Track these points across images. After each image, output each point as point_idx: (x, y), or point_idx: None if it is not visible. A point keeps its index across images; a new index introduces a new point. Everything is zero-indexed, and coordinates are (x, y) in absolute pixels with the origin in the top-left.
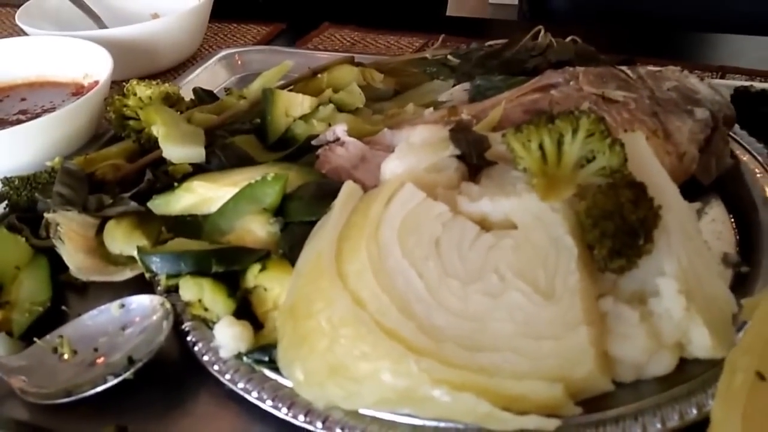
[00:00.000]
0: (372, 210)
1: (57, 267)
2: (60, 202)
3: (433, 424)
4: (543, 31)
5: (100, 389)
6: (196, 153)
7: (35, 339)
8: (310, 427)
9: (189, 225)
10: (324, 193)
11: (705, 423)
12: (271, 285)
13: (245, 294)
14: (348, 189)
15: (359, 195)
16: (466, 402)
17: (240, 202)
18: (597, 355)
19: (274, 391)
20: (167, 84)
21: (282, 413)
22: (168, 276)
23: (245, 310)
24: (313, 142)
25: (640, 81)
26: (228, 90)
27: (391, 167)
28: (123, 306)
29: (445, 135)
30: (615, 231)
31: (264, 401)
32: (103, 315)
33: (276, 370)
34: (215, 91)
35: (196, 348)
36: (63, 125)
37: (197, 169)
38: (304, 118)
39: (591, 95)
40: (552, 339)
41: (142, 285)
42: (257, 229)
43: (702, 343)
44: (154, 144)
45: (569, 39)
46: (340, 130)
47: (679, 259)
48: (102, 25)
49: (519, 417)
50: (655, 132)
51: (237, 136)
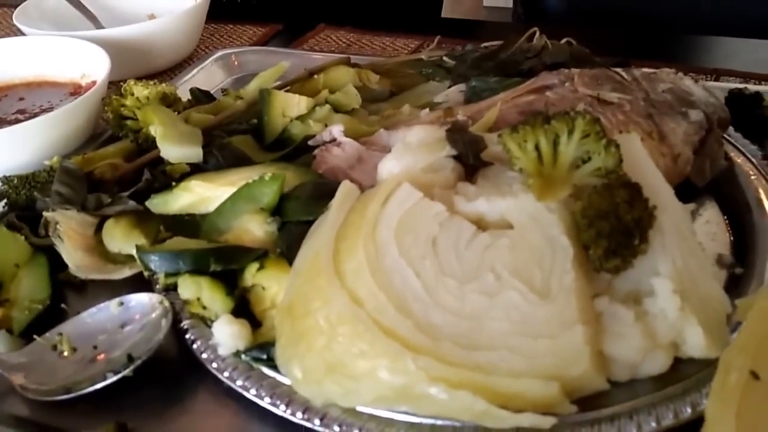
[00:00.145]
0: (369, 209)
1: (56, 265)
2: (59, 200)
3: (430, 421)
4: (538, 33)
5: (99, 386)
6: (193, 153)
7: (35, 336)
8: (308, 424)
9: (187, 224)
10: (321, 193)
11: (699, 422)
12: (269, 284)
13: (243, 292)
14: (345, 189)
15: (356, 195)
16: (462, 400)
17: (238, 201)
18: (592, 354)
19: (272, 389)
20: (164, 84)
21: (280, 410)
22: (167, 274)
23: (243, 308)
24: (310, 142)
25: (634, 83)
26: (225, 90)
27: (388, 167)
28: (122, 304)
29: (442, 135)
30: (610, 231)
31: (262, 398)
32: (102, 313)
33: (274, 367)
34: (212, 92)
35: (194, 346)
36: (61, 125)
37: (195, 169)
38: (300, 118)
39: (586, 97)
40: (548, 338)
41: (140, 283)
42: (255, 229)
43: (696, 343)
44: (151, 144)
45: (564, 41)
46: (336, 130)
47: (674, 260)
48: (99, 26)
49: (515, 415)
50: (650, 134)
51: (234, 136)
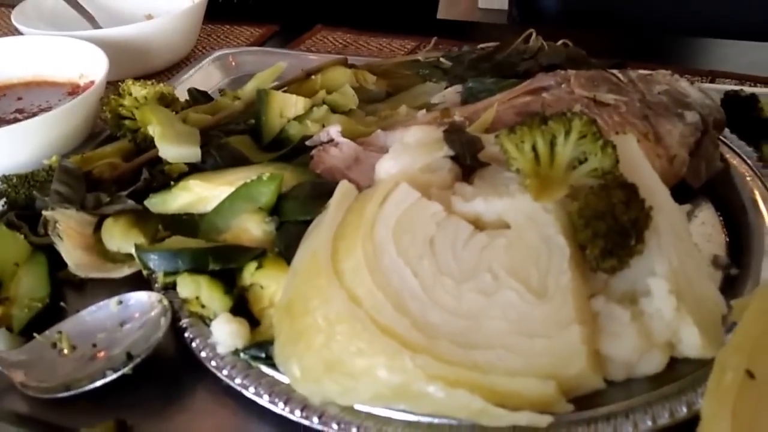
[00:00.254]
0: (367, 209)
1: (55, 264)
2: (58, 199)
3: (428, 420)
4: (534, 35)
5: (99, 384)
6: (191, 153)
7: (35, 334)
8: (306, 422)
9: (185, 223)
10: (319, 193)
11: (695, 421)
12: (268, 283)
13: (242, 291)
14: (343, 188)
15: (354, 194)
16: (460, 398)
17: (236, 201)
18: (589, 354)
19: (270, 387)
20: (162, 84)
21: (278, 408)
22: (165, 273)
23: (242, 307)
24: (308, 142)
25: (631, 84)
26: (222, 91)
27: (386, 167)
28: (121, 302)
29: (439, 136)
30: (607, 231)
31: (261, 396)
32: (102, 311)
33: (272, 366)
34: (209, 92)
35: (193, 344)
36: (60, 124)
37: (192, 169)
38: (298, 118)
39: (582, 98)
40: (545, 337)
41: (139, 282)
42: (253, 228)
43: (692, 343)
44: (149, 143)
45: (560, 42)
46: (333, 131)
47: (670, 260)
48: (96, 26)
49: (512, 413)
50: (646, 135)
51: (232, 136)
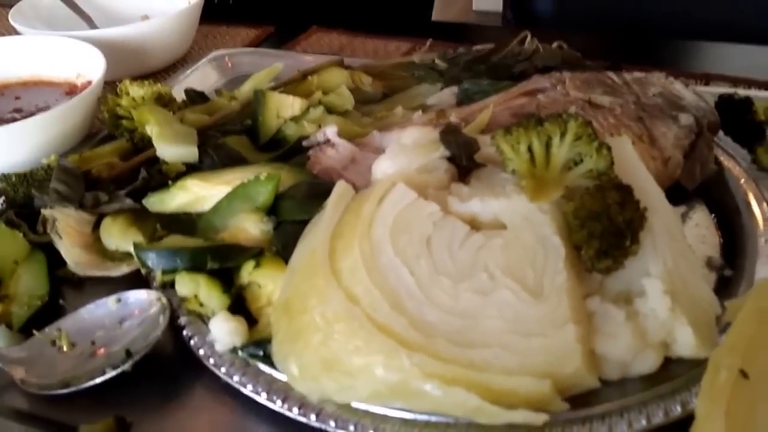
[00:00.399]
0: (364, 209)
1: (54, 262)
2: (57, 198)
3: (424, 417)
4: (529, 37)
5: (98, 381)
6: (189, 152)
7: (34, 332)
8: (303, 420)
9: (183, 222)
10: (316, 193)
11: (689, 420)
12: (265, 282)
13: (240, 290)
14: (340, 188)
15: (351, 194)
16: (456, 396)
17: (234, 200)
18: (584, 353)
19: (268, 385)
20: (159, 84)
21: (276, 406)
22: (164, 272)
23: (240, 305)
24: (304, 143)
25: (625, 86)
26: (218, 91)
27: (383, 167)
28: (120, 300)
29: (436, 137)
30: (602, 232)
31: (259, 394)
32: (101, 309)
33: (270, 364)
34: (206, 92)
35: (192, 342)
36: (58, 123)
37: (190, 169)
38: (294, 119)
39: (578, 100)
40: (540, 336)
41: (137, 281)
42: (250, 227)
43: (686, 343)
44: (147, 143)
45: (555, 45)
46: (330, 131)
47: (665, 261)
48: (93, 26)
49: (508, 411)
50: (641, 137)
51: (229, 136)
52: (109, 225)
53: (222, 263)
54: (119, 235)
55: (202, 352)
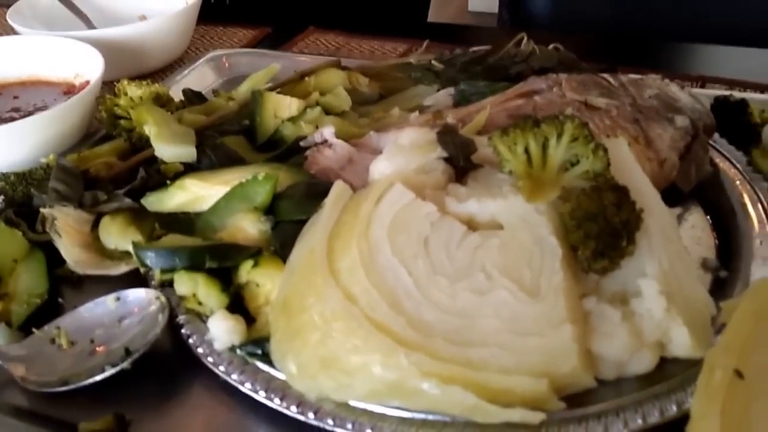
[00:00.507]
0: (362, 209)
1: (53, 261)
2: (56, 197)
3: (422, 416)
4: (526, 38)
5: (97, 378)
6: (187, 152)
7: (34, 330)
8: (302, 418)
9: (182, 222)
10: (313, 193)
11: (685, 419)
12: (263, 281)
13: (238, 289)
14: (338, 188)
15: (349, 194)
16: (454, 395)
17: (232, 200)
18: (580, 353)
19: (267, 383)
20: (157, 84)
21: (275, 404)
22: (162, 270)
23: (238, 304)
24: (302, 143)
25: (621, 88)
26: (216, 92)
27: (380, 168)
28: (119, 299)
29: (433, 138)
30: (598, 232)
31: (257, 392)
32: (100, 307)
33: (268, 362)
34: (203, 93)
35: (190, 340)
36: (56, 123)
37: (188, 169)
38: (292, 120)
39: (574, 102)
40: (537, 336)
41: (136, 280)
42: (248, 227)
43: (682, 343)
44: (145, 143)
45: (552, 46)
46: (327, 132)
47: (660, 261)
48: (91, 26)
49: (505, 410)
50: (637, 139)
51: (226, 136)
52: (108, 224)
53: (220, 262)
54: (118, 234)
55: (200, 350)
